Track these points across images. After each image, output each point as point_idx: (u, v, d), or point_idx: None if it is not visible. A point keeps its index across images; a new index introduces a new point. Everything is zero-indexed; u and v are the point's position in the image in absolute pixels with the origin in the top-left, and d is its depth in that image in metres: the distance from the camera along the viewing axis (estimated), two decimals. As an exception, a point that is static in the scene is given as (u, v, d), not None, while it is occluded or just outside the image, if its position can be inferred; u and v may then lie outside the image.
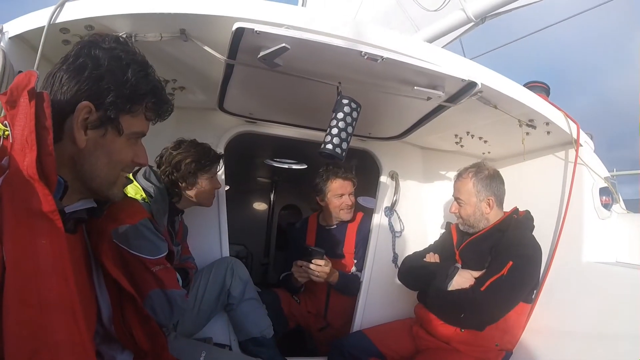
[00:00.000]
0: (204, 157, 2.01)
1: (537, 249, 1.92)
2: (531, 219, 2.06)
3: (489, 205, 2.06)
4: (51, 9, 1.40)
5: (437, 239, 2.42)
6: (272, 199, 5.34)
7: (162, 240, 1.47)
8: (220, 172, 2.40)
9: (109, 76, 0.93)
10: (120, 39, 1.00)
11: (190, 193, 2.00)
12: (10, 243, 0.73)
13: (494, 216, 2.07)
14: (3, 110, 0.84)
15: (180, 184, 1.95)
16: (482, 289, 1.79)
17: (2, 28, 1.47)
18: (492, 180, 2.09)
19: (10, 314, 0.70)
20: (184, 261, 2.10)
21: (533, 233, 2.01)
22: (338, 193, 2.68)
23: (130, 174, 1.70)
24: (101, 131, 0.94)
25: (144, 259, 1.37)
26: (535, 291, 1.94)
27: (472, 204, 2.07)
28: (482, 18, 2.32)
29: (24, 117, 0.78)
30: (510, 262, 1.80)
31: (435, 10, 2.70)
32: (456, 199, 2.15)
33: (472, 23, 2.35)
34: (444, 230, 2.48)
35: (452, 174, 2.21)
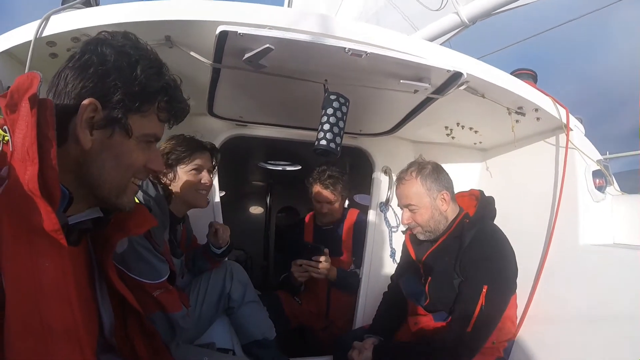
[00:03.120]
0: (180, 145, 1.86)
1: (502, 248, 1.78)
2: (486, 207, 1.92)
3: (445, 200, 1.86)
4: (37, 23, 1.41)
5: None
6: (268, 202, 5.34)
7: (162, 262, 1.43)
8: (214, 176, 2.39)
9: (116, 73, 0.86)
10: (130, 35, 0.94)
11: (175, 191, 1.85)
12: (10, 264, 0.68)
13: (451, 212, 1.89)
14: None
15: (162, 181, 1.83)
16: (469, 329, 1.63)
17: None
18: (440, 173, 1.90)
19: (13, 342, 0.66)
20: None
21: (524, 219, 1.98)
22: (316, 198, 2.74)
23: None
24: (108, 131, 0.87)
25: (144, 283, 1.33)
26: (516, 280, 1.85)
27: (426, 205, 1.85)
28: (474, 20, 2.33)
29: (25, 125, 0.72)
30: (485, 287, 1.64)
31: (436, 10, 2.70)
32: (406, 206, 1.90)
33: (464, 26, 2.36)
34: None
35: (445, 166, 2.19)
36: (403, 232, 2.16)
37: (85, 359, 0.78)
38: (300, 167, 4.15)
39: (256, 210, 5.64)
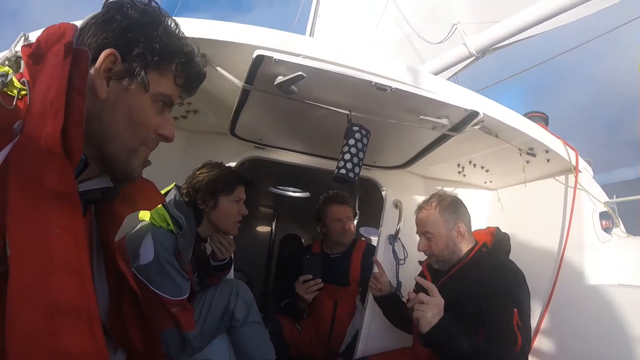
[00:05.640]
0: (224, 177, 1.91)
1: (519, 278, 1.80)
2: (502, 241, 2.01)
3: (460, 233, 1.94)
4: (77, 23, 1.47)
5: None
6: (273, 227, 5.36)
7: (185, 279, 1.44)
8: None
9: (138, 28, 0.84)
10: (154, 3, 0.92)
11: (212, 217, 1.90)
12: (17, 232, 0.62)
13: (466, 245, 1.96)
14: (22, 66, 0.76)
15: (199, 205, 1.87)
16: (518, 349, 1.61)
17: (28, 36, 1.48)
18: (458, 206, 1.99)
19: (14, 320, 0.60)
20: None
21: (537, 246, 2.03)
22: (336, 217, 2.77)
23: None
24: (125, 83, 0.83)
25: (163, 298, 1.34)
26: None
27: (442, 235, 1.92)
28: (483, 52, 2.45)
29: (50, 76, 0.67)
30: (515, 310, 1.66)
31: (438, 43, 2.86)
32: (423, 233, 1.99)
33: (473, 57, 2.48)
34: None
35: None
36: (420, 262, 2.22)
37: (96, 340, 0.70)
38: (309, 194, 4.19)
39: (260, 234, 5.64)
